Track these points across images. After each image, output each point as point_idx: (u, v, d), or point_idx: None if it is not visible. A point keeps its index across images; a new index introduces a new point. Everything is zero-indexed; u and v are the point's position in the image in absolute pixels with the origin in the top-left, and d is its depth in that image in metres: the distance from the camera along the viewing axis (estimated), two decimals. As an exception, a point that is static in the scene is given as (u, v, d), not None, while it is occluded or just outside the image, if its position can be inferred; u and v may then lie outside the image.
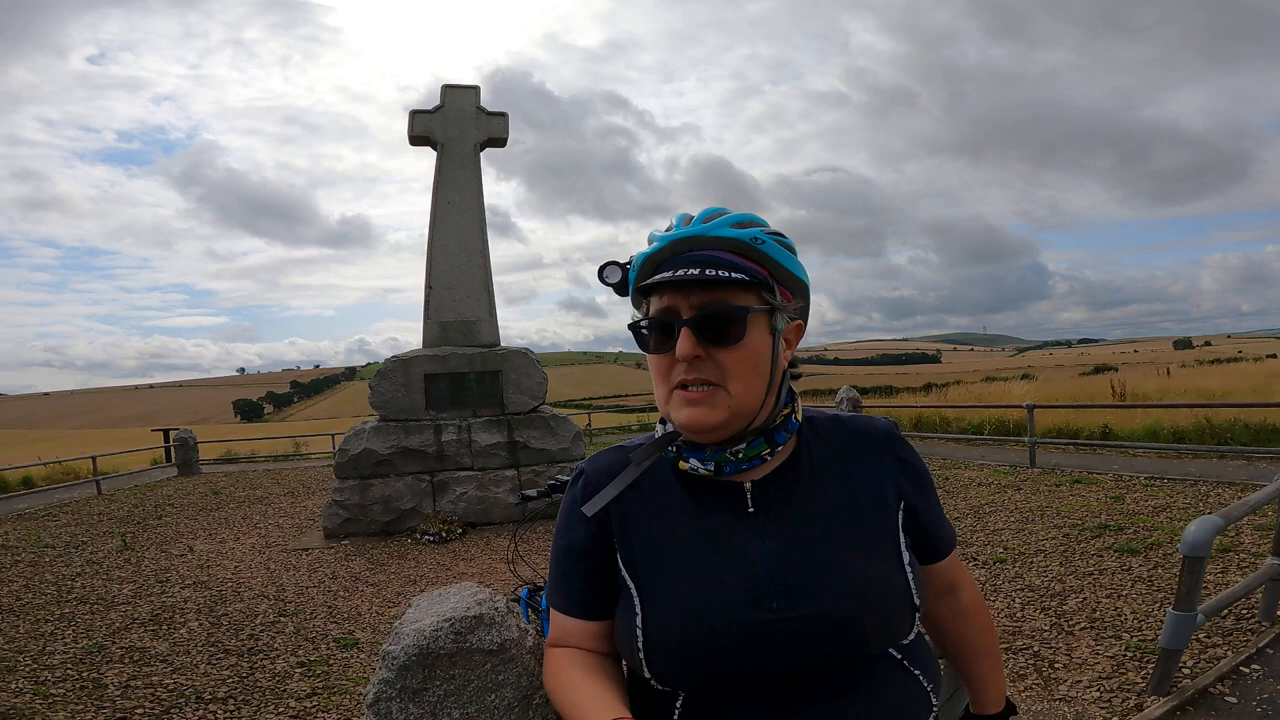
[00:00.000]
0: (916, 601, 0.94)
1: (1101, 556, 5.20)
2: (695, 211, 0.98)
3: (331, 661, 4.31)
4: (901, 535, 0.98)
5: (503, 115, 9.88)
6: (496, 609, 1.80)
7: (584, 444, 9.34)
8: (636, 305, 1.01)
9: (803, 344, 1.08)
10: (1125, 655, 3.56)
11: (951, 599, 1.11)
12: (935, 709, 0.99)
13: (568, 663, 0.99)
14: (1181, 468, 8.39)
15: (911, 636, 0.96)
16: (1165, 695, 2.97)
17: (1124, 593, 4.43)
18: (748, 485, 0.96)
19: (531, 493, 3.95)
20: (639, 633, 0.92)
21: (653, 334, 0.95)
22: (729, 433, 0.94)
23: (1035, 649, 3.77)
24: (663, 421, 1.03)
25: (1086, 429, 11.13)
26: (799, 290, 0.99)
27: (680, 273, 0.90)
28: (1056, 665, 3.56)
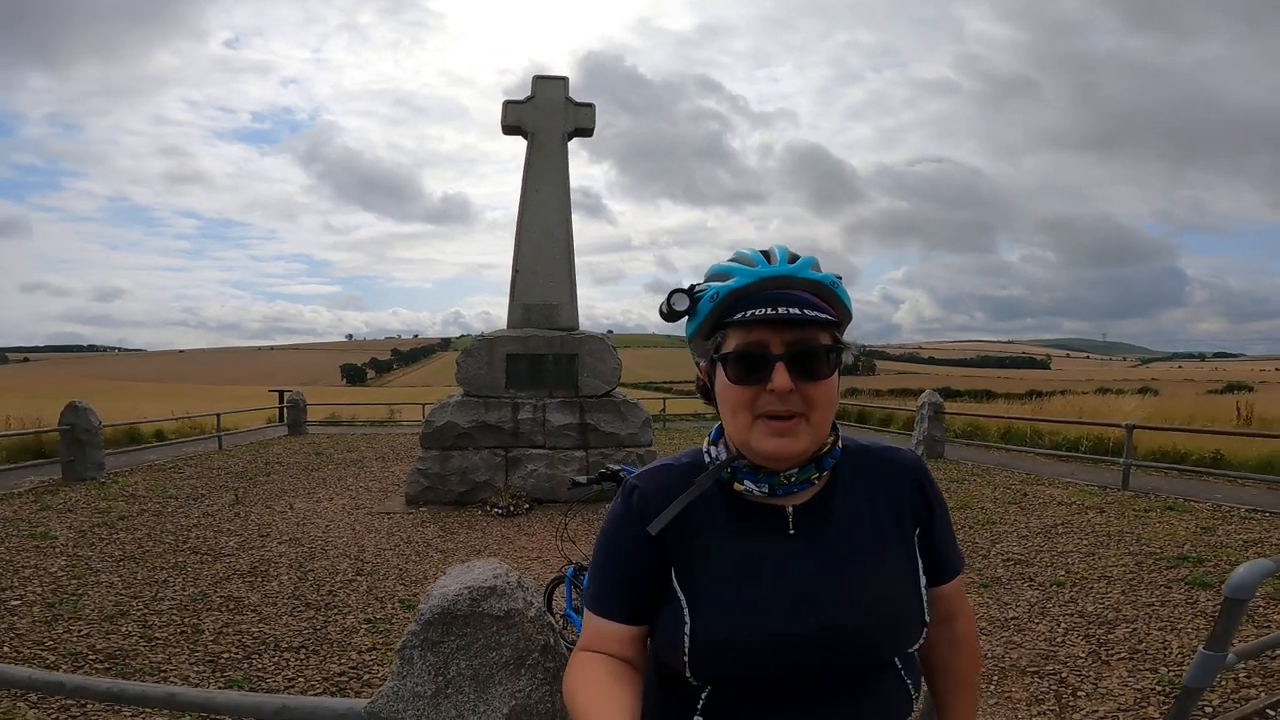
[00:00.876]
0: (927, 619, 1.06)
1: (1170, 588, 4.94)
2: (771, 246, 1.05)
3: (394, 620, 4.70)
4: (919, 559, 1.08)
5: (590, 106, 10.10)
6: (509, 583, 2.03)
7: (652, 430, 9.54)
8: (706, 335, 1.05)
9: (895, 341, 1.11)
10: (1154, 689, 3.45)
11: (947, 627, 1.17)
12: (913, 715, 1.10)
13: (592, 665, 1.04)
14: (1293, 501, 7.70)
15: (914, 648, 1.07)
16: (1175, 732, 2.85)
17: (1179, 626, 4.24)
18: (790, 509, 1.04)
19: (581, 479, 4.21)
20: (685, 640, 1.00)
21: (737, 365, 1.00)
22: (804, 459, 1.02)
23: (1063, 675, 3.68)
24: (714, 443, 1.11)
25: (1196, 453, 10.32)
26: (847, 329, 1.07)
27: (781, 310, 0.97)
28: (1080, 694, 3.48)
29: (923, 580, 1.07)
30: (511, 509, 8.15)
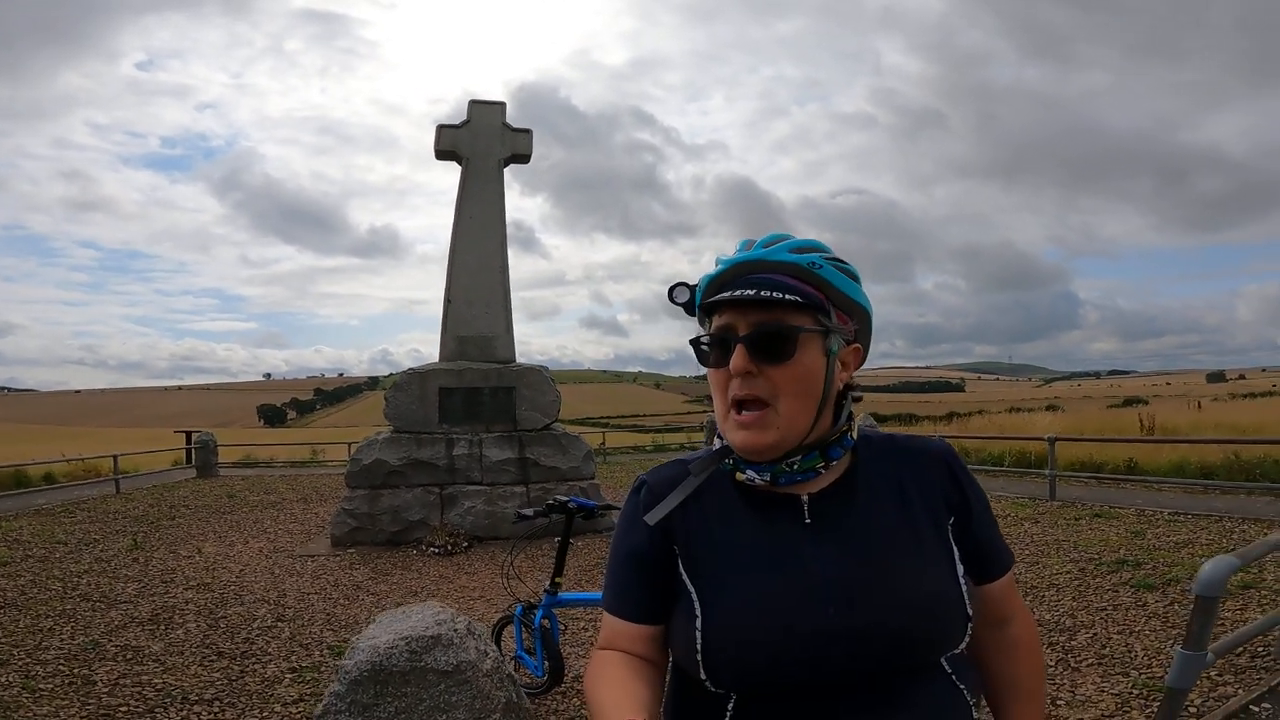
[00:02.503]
0: (969, 613, 0.96)
1: (1117, 591, 5.06)
2: (758, 237, 1.02)
3: (323, 668, 4.29)
4: (955, 548, 0.99)
5: (527, 132, 9.95)
6: (456, 630, 1.73)
7: (594, 463, 9.28)
8: (701, 324, 1.06)
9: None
10: (1131, 693, 3.46)
11: (1000, 631, 1.07)
12: None
13: (609, 663, 1.00)
14: (1207, 503, 8.17)
15: (961, 648, 0.96)
16: (1168, 736, 2.83)
17: (1136, 629, 4.31)
18: (805, 497, 0.98)
19: (528, 511, 3.93)
20: (698, 636, 0.94)
21: (713, 350, 0.99)
22: (781, 452, 0.96)
23: (1038, 685, 3.65)
24: (720, 434, 1.05)
25: (1111, 463, 10.88)
26: (857, 314, 1.02)
27: (739, 293, 0.95)
28: (1059, 702, 3.45)
29: (960, 570, 0.97)
30: (449, 547, 7.71)
